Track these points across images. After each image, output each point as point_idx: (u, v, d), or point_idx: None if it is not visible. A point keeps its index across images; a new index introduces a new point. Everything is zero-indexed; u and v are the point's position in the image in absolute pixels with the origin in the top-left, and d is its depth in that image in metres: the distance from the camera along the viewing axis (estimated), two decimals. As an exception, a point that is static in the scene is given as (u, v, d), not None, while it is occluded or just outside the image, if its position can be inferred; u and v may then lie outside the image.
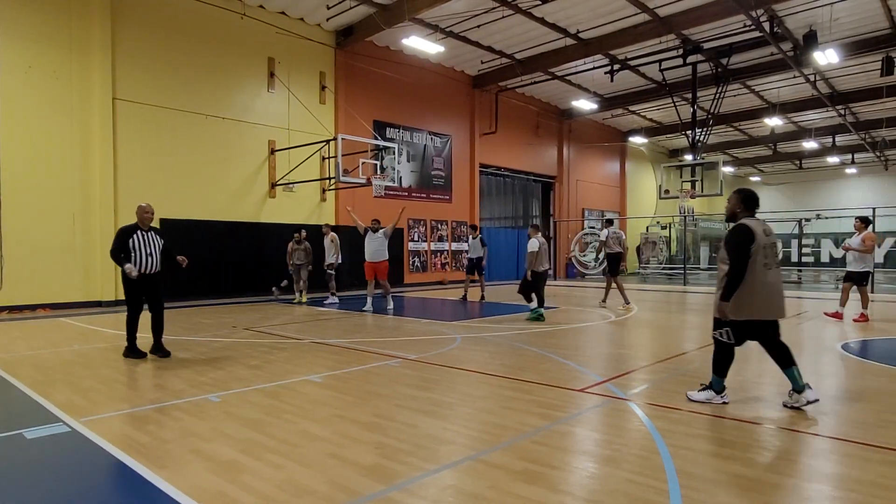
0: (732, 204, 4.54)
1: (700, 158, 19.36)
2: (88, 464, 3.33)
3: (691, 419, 4.06)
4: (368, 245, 11.31)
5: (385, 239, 11.29)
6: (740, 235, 4.27)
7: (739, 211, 4.49)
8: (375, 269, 11.33)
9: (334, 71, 16.03)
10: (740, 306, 4.26)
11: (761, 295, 4.24)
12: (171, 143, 12.92)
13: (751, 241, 4.22)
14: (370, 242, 11.30)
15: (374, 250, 11.26)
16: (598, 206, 27.30)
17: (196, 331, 8.50)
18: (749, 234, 4.24)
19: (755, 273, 4.23)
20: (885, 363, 6.19)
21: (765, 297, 4.25)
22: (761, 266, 4.24)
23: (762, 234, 4.28)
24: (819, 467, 3.23)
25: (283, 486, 2.92)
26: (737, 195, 4.53)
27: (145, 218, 6.46)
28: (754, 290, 4.23)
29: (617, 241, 11.98)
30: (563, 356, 6.43)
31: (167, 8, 12.84)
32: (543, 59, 17.95)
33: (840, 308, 9.90)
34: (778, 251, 4.40)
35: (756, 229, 4.26)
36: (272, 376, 5.45)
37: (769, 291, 4.26)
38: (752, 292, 4.23)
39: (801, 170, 35.70)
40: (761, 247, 4.24)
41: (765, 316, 4.30)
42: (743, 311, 4.26)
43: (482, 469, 3.15)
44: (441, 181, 19.39)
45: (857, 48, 16.53)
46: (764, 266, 4.25)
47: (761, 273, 4.24)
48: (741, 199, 4.48)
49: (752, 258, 4.22)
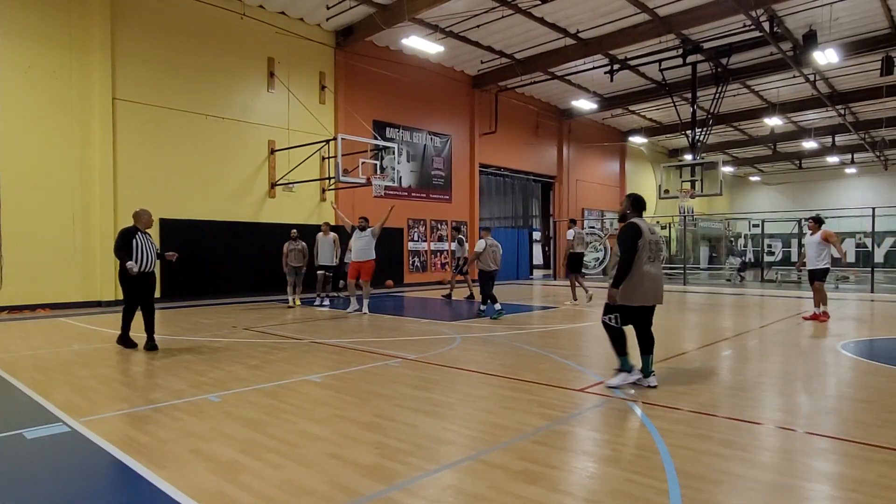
0: (624, 206, 5.20)
1: (700, 158, 19.36)
2: (88, 464, 3.33)
3: (691, 419, 4.06)
4: (355, 244, 10.86)
5: (373, 239, 10.79)
6: (630, 232, 4.93)
7: (629, 212, 5.12)
8: (360, 268, 10.83)
9: (334, 71, 16.03)
10: (629, 294, 4.92)
11: (645, 284, 4.91)
12: (171, 143, 12.92)
13: (638, 237, 4.89)
14: (357, 241, 10.84)
15: (360, 249, 10.77)
16: (597, 206, 27.32)
17: (196, 331, 8.50)
18: (637, 231, 4.90)
19: (641, 266, 4.89)
20: (885, 363, 6.19)
21: (648, 286, 4.93)
22: (646, 260, 4.91)
23: (648, 232, 4.96)
24: (819, 467, 3.23)
25: (282, 486, 2.92)
26: (628, 199, 5.17)
27: (150, 222, 7.09)
28: (641, 281, 4.90)
29: (580, 241, 12.68)
30: (563, 356, 6.43)
31: (167, 8, 12.84)
32: (543, 59, 17.95)
33: (817, 309, 9.82)
34: (662, 248, 5.00)
35: (643, 228, 4.94)
36: (272, 376, 5.45)
37: (652, 282, 4.95)
38: (640, 282, 4.90)
39: (801, 170, 35.70)
40: (647, 242, 4.91)
41: (648, 302, 4.99)
42: (632, 297, 4.92)
43: (482, 469, 3.15)
44: (441, 181, 19.39)
45: (856, 48, 16.53)
46: (648, 259, 4.92)
47: (646, 266, 4.91)
48: (631, 202, 5.14)
49: (639, 252, 4.87)
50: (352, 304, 11.06)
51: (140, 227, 6.96)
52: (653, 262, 4.97)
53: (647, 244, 4.92)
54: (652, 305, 5.06)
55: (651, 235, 4.98)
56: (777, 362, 6.14)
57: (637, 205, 5.12)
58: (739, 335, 8.06)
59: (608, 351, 6.90)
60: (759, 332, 8.41)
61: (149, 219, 7.08)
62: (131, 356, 6.57)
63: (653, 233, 5.02)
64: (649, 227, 5.03)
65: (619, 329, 5.03)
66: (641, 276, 4.90)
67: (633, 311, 5.00)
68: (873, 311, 11.22)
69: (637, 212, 5.11)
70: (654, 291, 4.98)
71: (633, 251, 4.88)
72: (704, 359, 6.36)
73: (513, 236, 22.61)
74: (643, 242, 4.90)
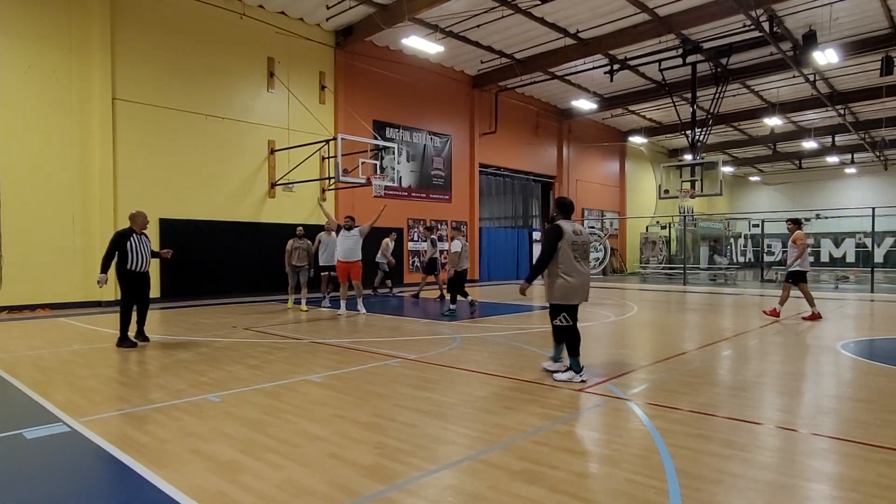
0: (552, 209, 5.59)
1: (700, 158, 19.36)
2: (88, 464, 3.33)
3: (691, 419, 4.06)
4: (342, 243, 10.53)
5: (360, 238, 10.54)
6: (552, 232, 5.25)
7: (556, 215, 5.44)
8: (349, 269, 10.56)
9: (334, 71, 16.03)
10: (567, 294, 5.19)
11: (572, 283, 5.19)
12: (170, 143, 12.92)
13: (559, 238, 5.18)
14: (344, 241, 10.52)
15: (347, 249, 10.47)
16: (598, 206, 27.32)
17: (196, 331, 8.50)
18: (559, 232, 5.19)
19: (573, 266, 5.19)
20: (885, 363, 6.19)
21: (575, 285, 5.20)
22: (572, 259, 5.19)
23: (571, 233, 5.22)
24: (819, 467, 3.22)
25: (282, 486, 2.92)
26: (555, 203, 5.53)
27: (145, 224, 7.32)
28: (567, 280, 5.18)
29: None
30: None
31: (167, 8, 12.84)
32: (543, 59, 17.96)
33: (779, 306, 10.00)
34: (588, 248, 5.39)
35: (566, 229, 5.21)
36: (272, 376, 5.45)
37: (582, 281, 5.24)
38: (565, 282, 5.18)
39: (801, 170, 35.70)
40: (569, 243, 5.18)
41: (573, 300, 5.26)
42: (558, 295, 5.20)
43: (482, 469, 3.15)
44: (441, 181, 19.39)
45: (856, 48, 16.53)
46: (574, 259, 5.20)
47: (574, 265, 5.20)
48: (557, 205, 5.48)
49: (564, 252, 5.16)
50: (343, 306, 10.72)
51: (136, 228, 7.20)
52: (578, 261, 5.24)
53: (570, 244, 5.19)
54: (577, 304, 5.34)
55: (575, 236, 5.24)
56: (777, 362, 6.14)
57: (563, 208, 5.44)
58: (739, 335, 8.06)
59: (608, 351, 6.92)
60: (759, 331, 8.41)
61: (144, 220, 7.29)
62: (131, 356, 6.57)
63: (578, 234, 5.29)
64: (574, 228, 5.28)
65: (573, 328, 5.28)
66: (567, 275, 5.18)
67: (573, 308, 5.30)
68: (873, 311, 11.22)
69: (564, 215, 5.41)
70: (578, 290, 5.26)
71: (552, 250, 5.18)
72: (704, 359, 6.36)
73: (513, 236, 22.61)
74: (565, 242, 5.18)
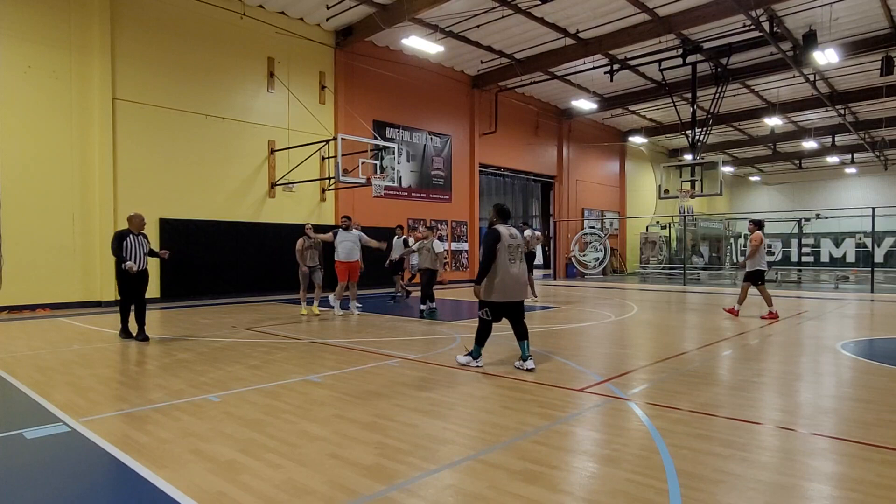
0: (491, 215, 5.96)
1: (700, 158, 19.37)
2: (88, 464, 3.33)
3: (691, 419, 4.06)
4: (342, 244, 10.38)
5: (358, 239, 10.48)
6: (490, 236, 5.63)
7: (495, 220, 5.87)
8: (350, 269, 10.47)
9: (334, 71, 16.03)
10: (493, 292, 5.58)
11: (507, 283, 5.55)
12: (170, 143, 12.92)
13: (497, 241, 5.58)
14: (344, 241, 10.39)
15: (349, 250, 10.40)
16: (597, 206, 27.32)
17: (196, 331, 8.50)
18: (497, 236, 5.60)
19: (504, 267, 5.55)
20: (885, 363, 6.19)
21: (509, 284, 5.57)
22: (507, 261, 5.57)
23: (508, 237, 5.63)
24: (819, 467, 3.22)
25: (282, 486, 2.92)
26: (493, 209, 5.92)
27: (142, 225, 7.73)
28: (503, 280, 5.55)
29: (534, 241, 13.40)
30: (563, 356, 6.43)
31: (167, 8, 12.84)
32: (543, 59, 17.96)
33: (737, 305, 10.20)
34: (522, 250, 5.78)
35: (503, 233, 5.63)
36: (272, 376, 5.45)
37: (513, 281, 5.59)
38: (501, 281, 5.55)
39: (801, 170, 35.71)
40: (506, 246, 5.58)
41: (509, 298, 5.62)
42: (495, 294, 5.58)
43: (482, 469, 3.15)
44: (441, 181, 19.39)
45: (856, 48, 16.53)
46: (509, 261, 5.58)
47: (508, 266, 5.57)
48: (496, 212, 5.89)
49: (500, 254, 5.55)
50: (337, 307, 10.56)
51: (133, 229, 7.62)
52: (512, 262, 5.62)
53: (506, 247, 5.58)
54: (514, 301, 5.68)
55: (511, 239, 5.66)
56: (777, 362, 6.14)
57: (501, 214, 5.86)
58: (739, 335, 8.06)
59: (608, 351, 6.93)
60: (759, 332, 8.41)
61: (140, 222, 7.69)
62: (131, 356, 6.57)
63: (514, 237, 5.71)
64: (510, 232, 5.71)
65: (488, 322, 5.73)
66: (503, 276, 5.56)
67: (499, 306, 5.64)
68: (873, 311, 11.22)
69: (501, 219, 5.83)
70: (513, 289, 5.61)
71: (492, 252, 5.56)
72: (704, 359, 6.36)
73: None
74: (502, 246, 5.57)
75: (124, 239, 7.46)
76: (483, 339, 5.81)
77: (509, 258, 5.58)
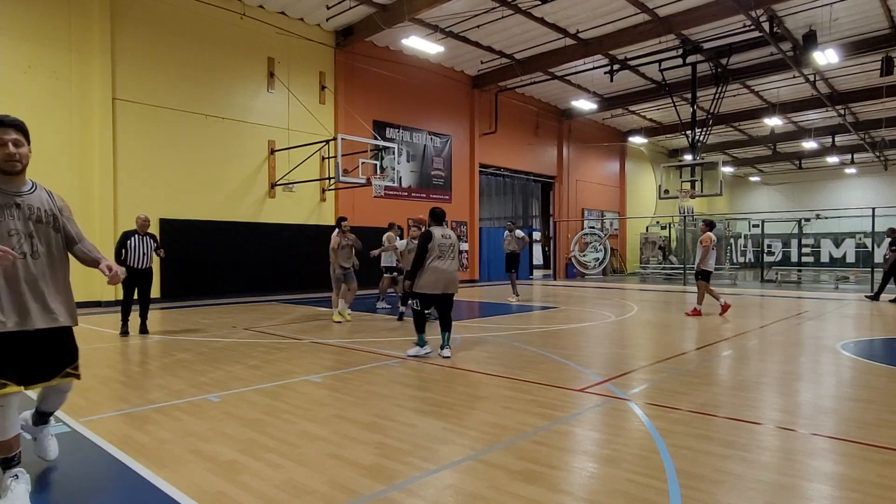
0: (429, 219, 6.64)
1: (700, 158, 19.37)
2: (88, 464, 3.33)
3: (691, 419, 4.06)
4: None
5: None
6: (423, 236, 6.37)
7: (430, 223, 6.56)
8: None
9: (334, 71, 16.03)
10: (422, 284, 6.27)
11: (434, 277, 6.25)
12: (171, 144, 12.92)
13: (429, 241, 6.29)
14: None
15: None
16: (597, 207, 27.32)
17: (196, 331, 8.50)
18: (429, 237, 6.31)
19: (433, 263, 6.26)
20: (885, 363, 6.19)
21: (439, 278, 6.26)
22: (436, 258, 6.28)
23: (439, 237, 6.34)
24: (819, 467, 3.22)
25: (282, 486, 2.92)
26: (430, 213, 6.60)
27: (144, 226, 8.19)
28: (433, 274, 6.25)
29: (517, 242, 13.69)
30: (563, 356, 6.43)
31: (167, 8, 12.84)
32: (543, 59, 17.96)
33: (697, 305, 10.51)
34: (454, 248, 6.45)
35: (435, 233, 6.35)
36: (272, 376, 5.45)
37: (440, 275, 6.27)
38: (430, 275, 6.24)
39: (801, 170, 35.71)
40: (436, 245, 6.29)
41: (439, 291, 6.30)
42: (425, 287, 6.26)
43: (482, 469, 3.15)
44: (441, 181, 19.39)
45: (856, 48, 16.53)
46: (438, 258, 6.28)
47: (438, 263, 6.28)
48: (431, 216, 6.57)
49: (431, 252, 6.27)
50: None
51: (138, 230, 8.12)
52: (441, 259, 6.31)
53: (437, 247, 6.30)
54: (442, 293, 6.32)
55: (443, 239, 6.36)
56: (777, 362, 6.14)
57: (435, 217, 6.55)
58: (739, 335, 8.06)
59: (608, 351, 6.94)
60: (759, 332, 8.41)
61: (143, 223, 8.16)
62: (131, 356, 6.58)
63: (446, 238, 6.41)
64: (443, 233, 6.41)
65: (419, 311, 6.41)
66: (433, 270, 6.25)
67: (428, 297, 6.32)
68: (873, 312, 11.22)
69: (436, 222, 6.52)
70: (441, 282, 6.28)
71: (424, 252, 6.28)
72: (704, 359, 6.36)
73: (513, 236, 22.58)
74: (433, 245, 6.28)
75: (128, 239, 7.99)
76: (421, 327, 6.43)
77: (439, 255, 6.29)
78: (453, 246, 6.46)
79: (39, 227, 2.86)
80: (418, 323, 6.45)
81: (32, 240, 2.82)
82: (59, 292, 2.91)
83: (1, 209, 2.75)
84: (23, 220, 2.79)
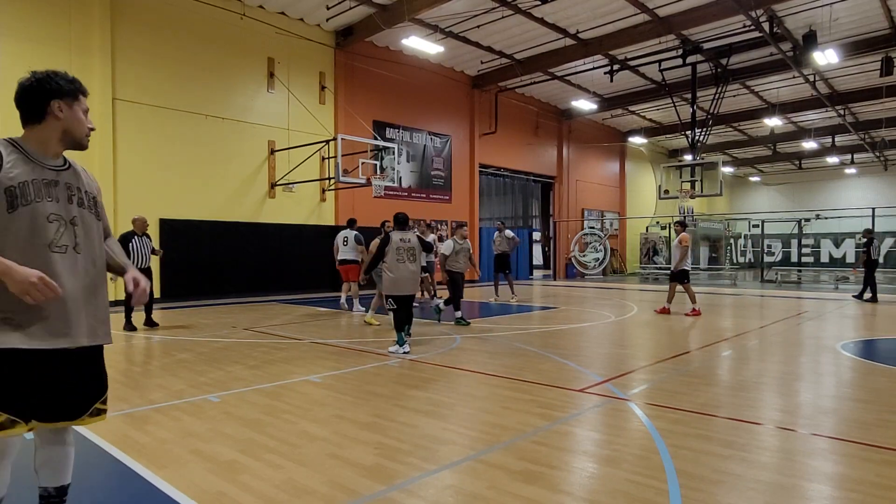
0: (392, 223, 7.08)
1: (699, 158, 19.35)
2: (88, 464, 3.33)
3: (691, 419, 4.06)
4: (344, 245, 10.92)
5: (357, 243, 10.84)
6: (382, 241, 6.98)
7: (392, 227, 7.01)
8: (349, 270, 10.95)
9: (334, 71, 16.03)
10: (392, 287, 6.68)
11: (399, 279, 6.70)
12: (170, 143, 12.91)
13: (386, 244, 6.80)
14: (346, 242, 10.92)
15: (350, 249, 10.86)
16: (597, 207, 27.31)
17: (196, 331, 8.50)
18: (387, 240, 6.81)
19: (394, 265, 6.69)
20: (884, 363, 6.19)
21: (401, 280, 6.71)
22: (395, 261, 6.70)
23: (398, 241, 6.78)
24: (819, 467, 3.23)
25: (282, 487, 2.92)
26: (394, 218, 7.01)
27: (143, 227, 8.54)
28: (396, 276, 6.69)
29: (507, 242, 13.83)
30: (563, 356, 6.43)
31: (167, 8, 12.84)
32: (543, 60, 17.95)
33: (667, 304, 10.70)
34: (413, 251, 6.83)
35: (394, 237, 6.79)
36: (272, 376, 5.45)
37: (402, 278, 6.72)
38: (395, 277, 6.69)
39: (801, 170, 35.69)
40: (394, 248, 6.73)
41: (403, 292, 6.73)
42: (393, 288, 6.69)
43: (482, 469, 3.15)
44: (441, 181, 19.38)
45: (856, 48, 16.52)
46: (397, 260, 6.70)
47: (397, 265, 6.71)
48: (395, 220, 6.98)
49: (389, 255, 6.72)
50: (356, 305, 11.02)
51: (136, 231, 8.42)
52: (403, 262, 6.73)
53: (395, 249, 6.72)
54: (406, 294, 6.75)
55: (402, 243, 6.78)
56: (777, 362, 6.14)
57: (397, 222, 6.96)
58: (739, 335, 8.06)
59: (608, 351, 6.94)
60: (759, 332, 8.41)
61: (142, 224, 8.53)
62: (131, 356, 6.58)
63: (406, 241, 6.83)
64: (402, 237, 6.82)
65: (398, 311, 6.69)
66: (395, 273, 6.67)
67: (398, 298, 6.71)
68: (873, 312, 11.22)
69: (398, 226, 6.93)
70: (403, 285, 6.72)
71: (380, 254, 6.82)
72: (704, 359, 6.36)
73: (513, 236, 22.57)
74: (391, 248, 6.73)
75: (129, 241, 8.21)
76: (400, 326, 6.65)
77: (397, 259, 6.70)
78: (412, 249, 6.84)
79: (82, 212, 2.20)
80: (396, 322, 6.69)
81: (75, 228, 2.14)
82: (102, 298, 2.29)
83: (37, 186, 2.04)
84: (63, 201, 2.12)
